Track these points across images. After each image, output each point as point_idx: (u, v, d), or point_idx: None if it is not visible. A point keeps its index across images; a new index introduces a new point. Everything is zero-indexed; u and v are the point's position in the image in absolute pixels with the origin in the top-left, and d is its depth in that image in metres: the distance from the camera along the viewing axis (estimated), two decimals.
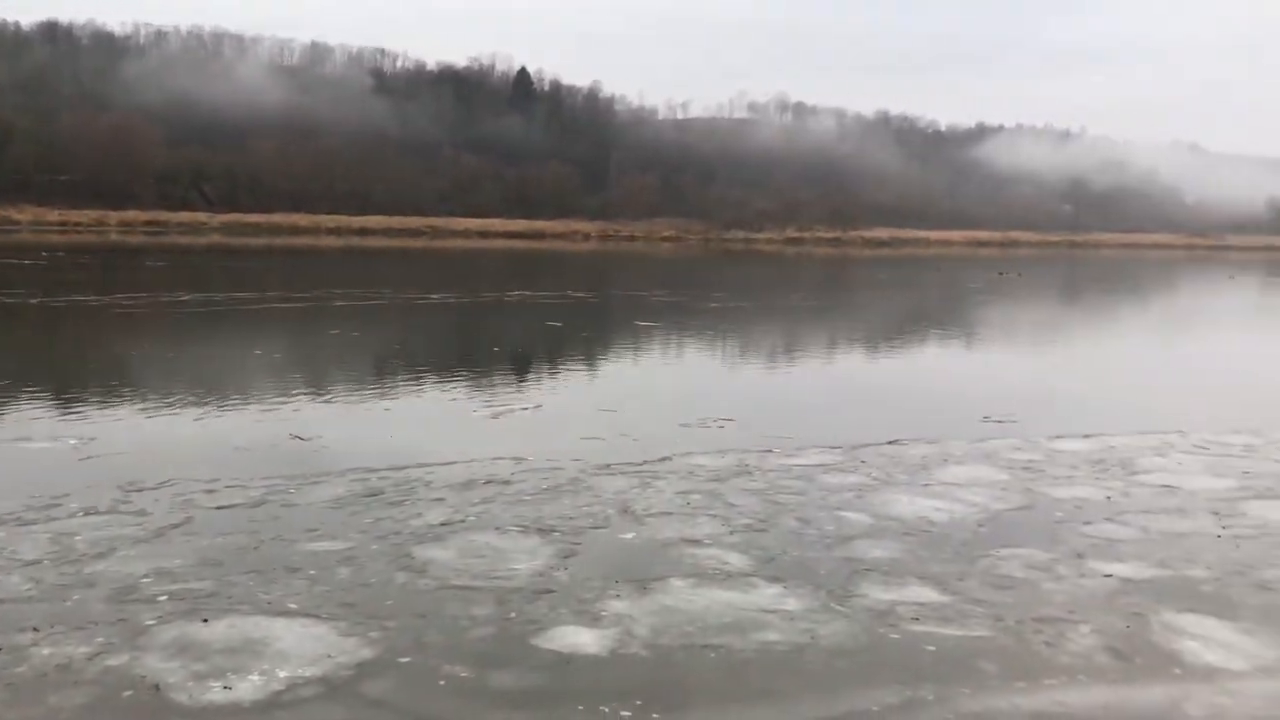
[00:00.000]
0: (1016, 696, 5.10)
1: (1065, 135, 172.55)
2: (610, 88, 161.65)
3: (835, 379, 17.30)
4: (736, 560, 6.97)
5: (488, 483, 8.80)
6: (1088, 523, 8.07)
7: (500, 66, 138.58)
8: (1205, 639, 5.84)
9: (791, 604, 6.22)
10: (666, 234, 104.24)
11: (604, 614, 5.99)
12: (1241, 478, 9.64)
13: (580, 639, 5.65)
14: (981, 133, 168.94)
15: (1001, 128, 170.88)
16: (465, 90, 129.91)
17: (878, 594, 6.40)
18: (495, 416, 12.16)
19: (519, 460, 9.59)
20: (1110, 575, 6.86)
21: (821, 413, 13.48)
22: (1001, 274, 53.76)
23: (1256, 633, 5.96)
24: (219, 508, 7.92)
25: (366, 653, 5.42)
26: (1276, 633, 5.96)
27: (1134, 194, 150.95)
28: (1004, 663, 5.47)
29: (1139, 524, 8.07)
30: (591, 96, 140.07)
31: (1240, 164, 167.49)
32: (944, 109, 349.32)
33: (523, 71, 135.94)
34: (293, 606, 5.98)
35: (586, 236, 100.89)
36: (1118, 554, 7.32)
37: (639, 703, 4.96)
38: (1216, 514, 8.39)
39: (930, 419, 12.56)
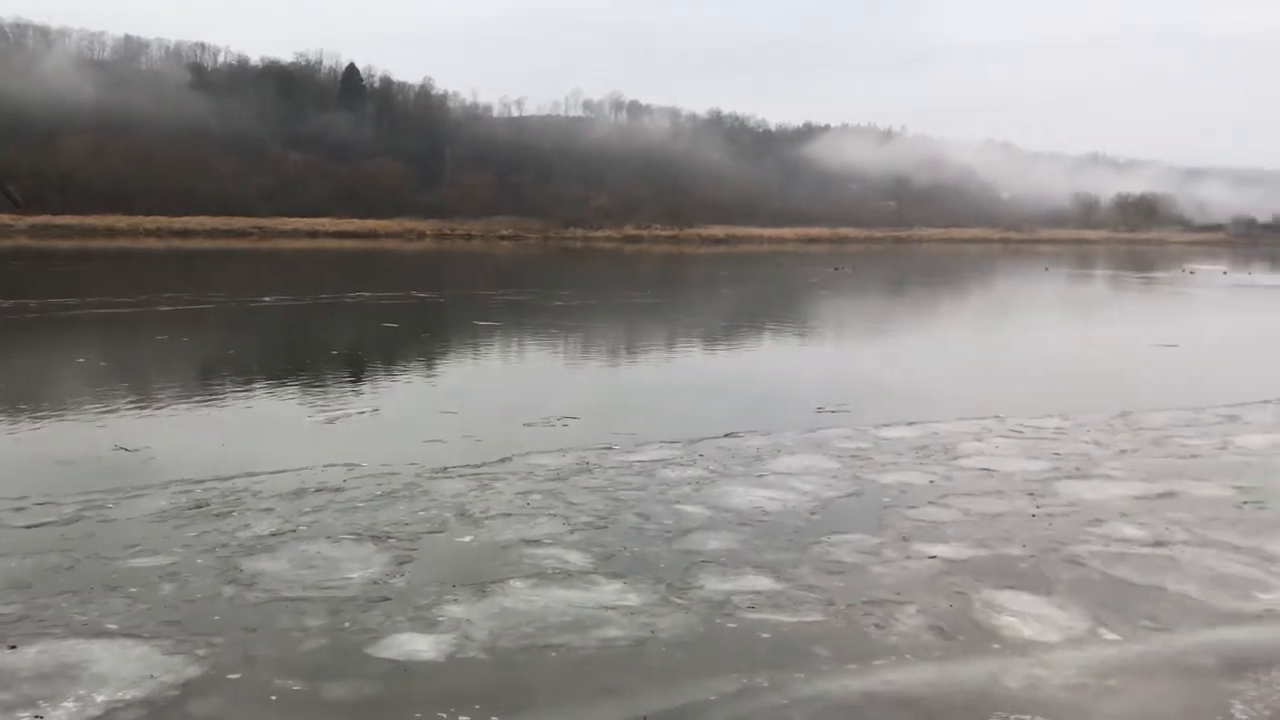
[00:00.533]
0: (847, 679, 5.26)
1: (887, 135, 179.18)
2: (443, 84, 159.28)
3: (676, 374, 17.51)
4: (576, 558, 6.98)
5: (319, 491, 8.56)
6: (913, 507, 8.39)
7: (328, 63, 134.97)
8: (1022, 614, 6.15)
9: (632, 599, 6.26)
10: (504, 232, 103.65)
11: (441, 619, 5.91)
12: (1053, 459, 10.19)
13: (417, 645, 5.56)
14: (809, 132, 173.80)
15: (828, 127, 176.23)
16: (291, 86, 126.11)
17: (715, 585, 6.50)
18: (330, 422, 11.86)
19: (352, 466, 9.37)
20: (934, 557, 7.15)
21: (662, 408, 13.62)
22: (837, 269, 55.57)
23: (1068, 606, 6.30)
24: (28, 526, 7.48)
25: (193, 671, 5.21)
26: (1087, 605, 6.31)
27: (952, 190, 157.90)
28: (836, 646, 5.63)
29: (960, 506, 8.43)
30: (424, 93, 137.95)
31: (1048, 161, 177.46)
32: (773, 109, 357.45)
33: (351, 68, 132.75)
34: (111, 627, 5.70)
35: (421, 235, 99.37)
36: (941, 536, 7.63)
37: (478, 707, 4.92)
38: (1031, 494, 8.84)
39: (766, 411, 12.86)
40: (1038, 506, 8.46)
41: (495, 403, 13.85)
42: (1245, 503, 8.66)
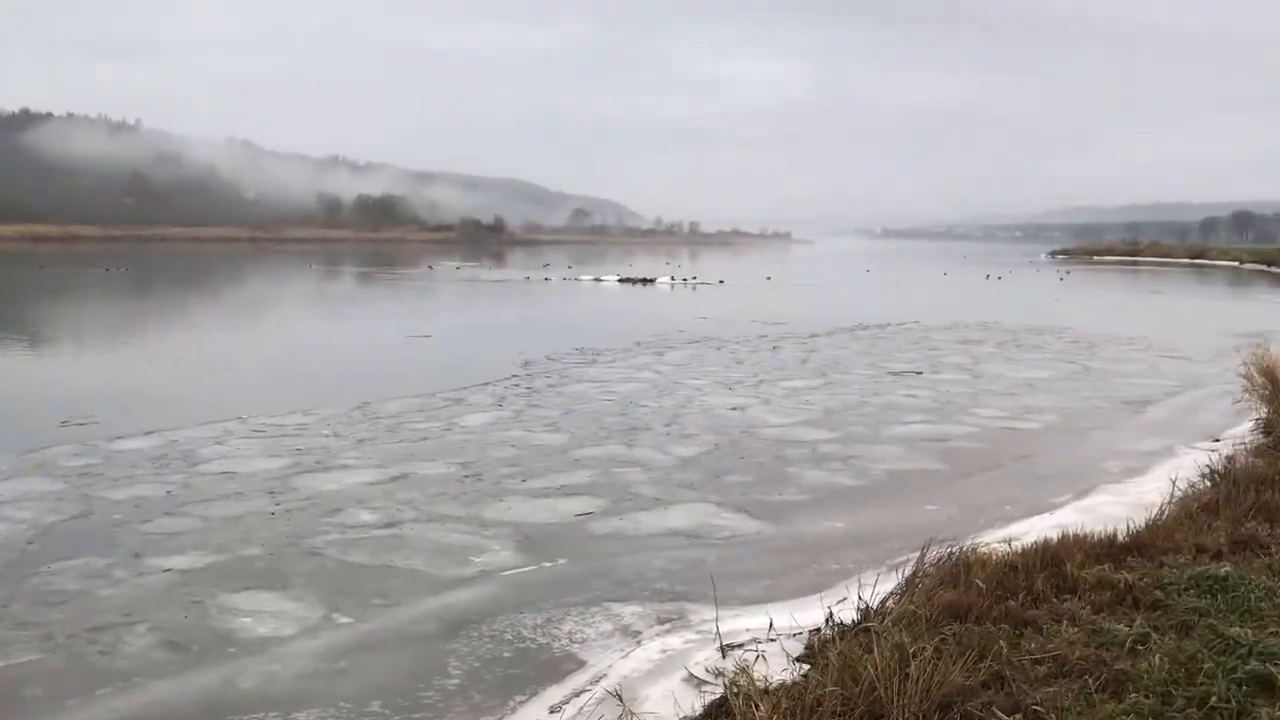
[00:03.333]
0: (67, 716, 4.83)
1: (120, 126, 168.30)
2: None
3: None
4: None
5: None
6: (148, 520, 7.97)
7: None
8: (258, 613, 6.14)
9: None
10: None
11: None
12: (294, 455, 10.34)
13: None
14: (28, 119, 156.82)
15: (51, 115, 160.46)
16: None
17: None
18: None
19: None
20: (170, 569, 6.85)
21: None
22: (108, 270, 51.27)
23: (304, 597, 6.44)
24: None
25: None
26: (322, 594, 6.50)
27: (196, 188, 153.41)
28: (53, 684, 5.14)
29: (199, 513, 8.19)
30: None
31: (291, 161, 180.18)
32: None
33: None
34: None
35: None
36: (178, 547, 7.34)
37: None
38: (271, 493, 8.88)
39: None
40: (278, 504, 8.52)
41: None
42: (466, 477, 9.58)
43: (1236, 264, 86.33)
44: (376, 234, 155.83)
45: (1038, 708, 3.82)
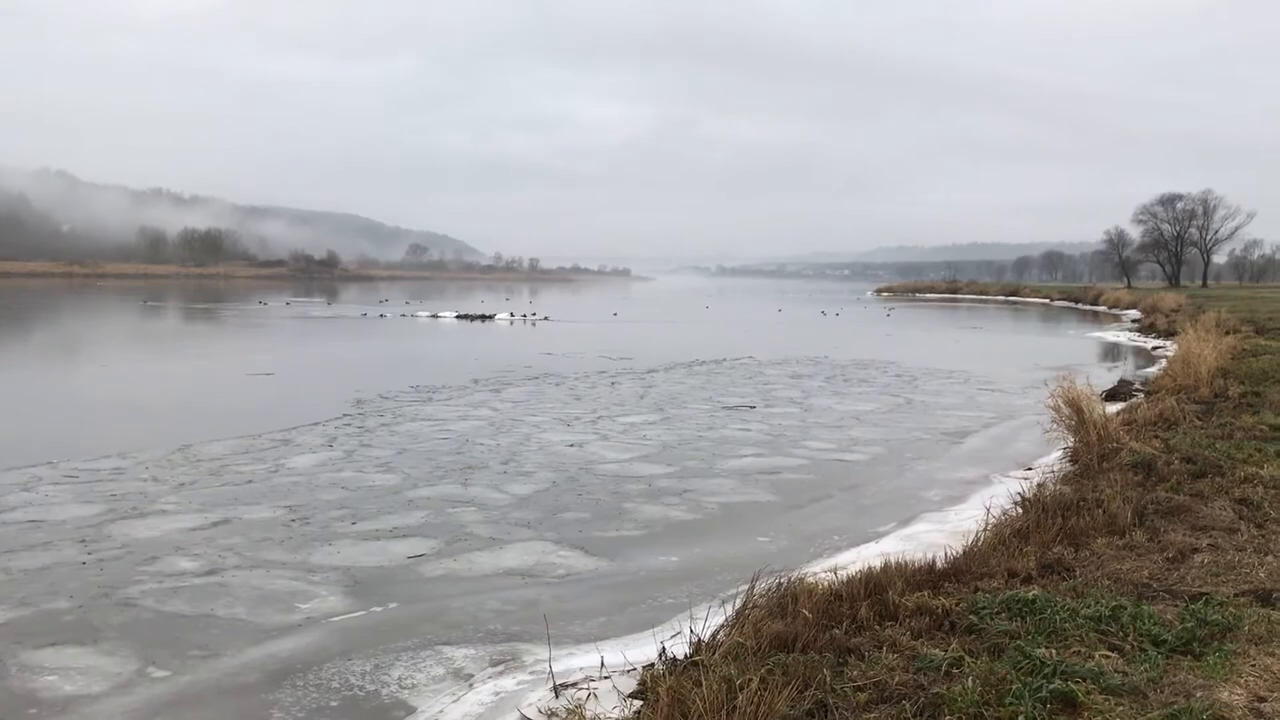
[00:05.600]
0: None
1: None
2: None
3: None
4: None
5: None
6: None
7: None
8: (65, 670, 5.80)
9: None
10: None
11: None
12: (109, 501, 9.83)
13: None
14: None
15: None
16: None
17: None
18: None
19: None
20: None
21: None
22: None
23: (117, 651, 6.11)
24: None
25: None
26: (136, 647, 6.17)
27: (5, 220, 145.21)
28: None
29: (3, 565, 7.70)
30: None
31: (110, 193, 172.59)
32: None
33: None
34: None
35: None
36: None
37: None
38: (83, 541, 8.42)
39: None
40: (89, 553, 8.08)
41: None
42: (293, 520, 9.28)
43: (1048, 301, 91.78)
44: (203, 269, 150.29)
45: None
